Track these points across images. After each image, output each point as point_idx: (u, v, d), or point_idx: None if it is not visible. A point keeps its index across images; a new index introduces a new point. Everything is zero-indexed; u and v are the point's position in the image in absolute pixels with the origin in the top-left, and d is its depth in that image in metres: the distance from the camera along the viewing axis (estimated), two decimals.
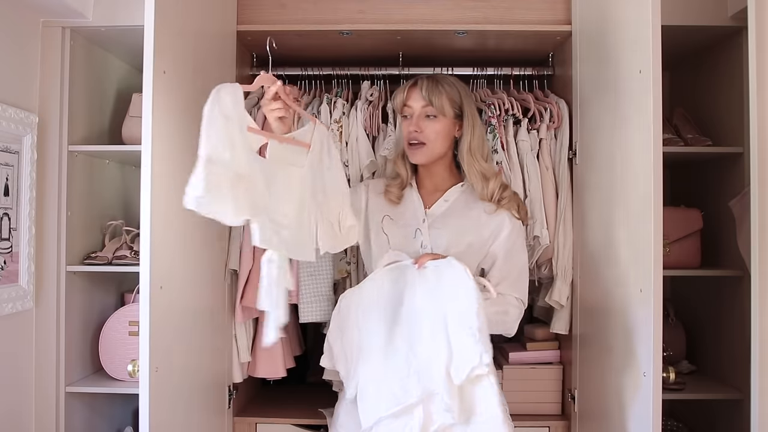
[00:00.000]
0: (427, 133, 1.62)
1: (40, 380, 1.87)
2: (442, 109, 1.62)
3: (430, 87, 1.62)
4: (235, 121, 1.30)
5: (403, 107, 1.67)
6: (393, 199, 1.69)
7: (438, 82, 1.64)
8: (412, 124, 1.63)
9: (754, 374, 1.40)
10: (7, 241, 1.76)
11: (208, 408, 1.79)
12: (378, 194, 1.73)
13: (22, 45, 1.82)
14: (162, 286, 1.45)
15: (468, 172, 1.65)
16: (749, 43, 1.43)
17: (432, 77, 1.67)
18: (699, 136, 2.05)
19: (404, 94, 1.66)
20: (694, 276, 2.03)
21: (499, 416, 1.41)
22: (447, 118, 1.63)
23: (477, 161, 1.64)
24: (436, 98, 1.61)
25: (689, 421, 2.16)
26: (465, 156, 1.65)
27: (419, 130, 1.62)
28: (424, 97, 1.62)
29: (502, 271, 1.63)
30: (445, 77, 1.68)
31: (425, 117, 1.63)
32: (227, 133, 1.27)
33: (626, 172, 1.56)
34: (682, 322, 2.20)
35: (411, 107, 1.65)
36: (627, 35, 1.56)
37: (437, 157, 1.67)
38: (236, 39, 1.96)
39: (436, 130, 1.63)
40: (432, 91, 1.62)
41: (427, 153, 1.64)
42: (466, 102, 1.66)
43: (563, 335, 1.99)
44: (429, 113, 1.63)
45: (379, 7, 1.97)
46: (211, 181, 1.21)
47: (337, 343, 1.57)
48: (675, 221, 1.97)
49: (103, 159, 2.14)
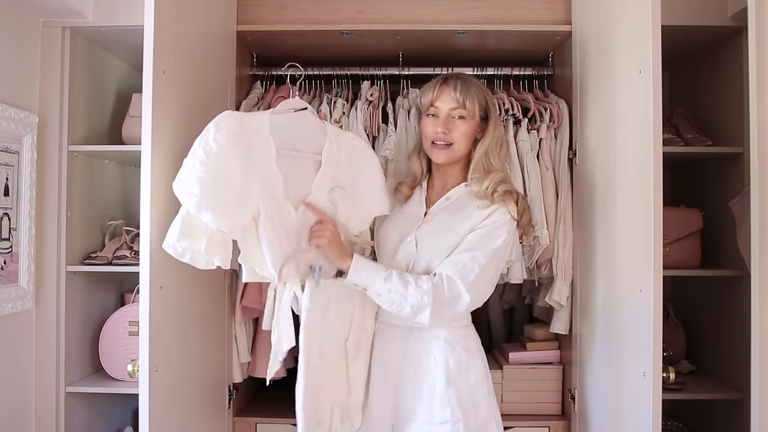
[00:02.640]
0: (454, 135, 1.59)
1: (40, 380, 1.87)
2: (472, 112, 1.59)
3: (462, 89, 1.59)
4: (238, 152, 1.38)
5: (430, 106, 1.63)
6: (401, 198, 1.69)
7: (468, 83, 1.61)
8: (439, 125, 1.60)
9: (754, 374, 1.40)
10: (7, 241, 1.76)
11: (208, 408, 1.79)
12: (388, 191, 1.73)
13: (22, 45, 1.82)
14: (162, 286, 1.45)
15: (473, 167, 1.61)
16: (749, 43, 1.44)
17: (460, 77, 1.63)
18: (699, 136, 2.05)
19: (434, 94, 1.61)
20: (694, 276, 2.03)
21: None
22: (474, 121, 1.61)
23: (488, 161, 1.61)
24: (469, 101, 1.58)
25: (689, 421, 2.16)
26: (479, 155, 1.61)
27: (447, 131, 1.59)
28: (457, 99, 1.58)
29: (461, 246, 1.53)
30: (470, 77, 1.65)
31: (455, 118, 1.60)
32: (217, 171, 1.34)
33: (626, 172, 1.56)
34: (682, 322, 2.20)
35: (439, 108, 1.61)
36: (627, 35, 1.56)
37: (459, 158, 1.64)
38: (236, 39, 1.96)
39: (464, 131, 1.60)
40: (465, 93, 1.58)
41: (452, 154, 1.62)
42: (490, 104, 1.64)
43: (563, 335, 1.99)
44: (460, 115, 1.59)
45: (379, 7, 1.97)
46: (184, 232, 1.34)
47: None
48: (675, 221, 1.97)
49: (103, 159, 2.14)
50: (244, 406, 2.10)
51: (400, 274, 1.50)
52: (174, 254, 1.36)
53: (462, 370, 1.57)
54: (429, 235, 1.59)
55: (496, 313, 2.39)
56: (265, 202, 1.42)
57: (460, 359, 1.58)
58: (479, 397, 1.58)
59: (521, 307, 2.41)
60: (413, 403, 1.58)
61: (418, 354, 1.59)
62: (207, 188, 1.32)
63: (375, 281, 1.48)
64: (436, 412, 1.55)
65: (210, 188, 1.32)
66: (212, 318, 1.81)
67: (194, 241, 1.35)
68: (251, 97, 2.05)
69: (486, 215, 1.56)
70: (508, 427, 1.90)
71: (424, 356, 1.58)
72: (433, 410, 1.55)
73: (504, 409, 1.94)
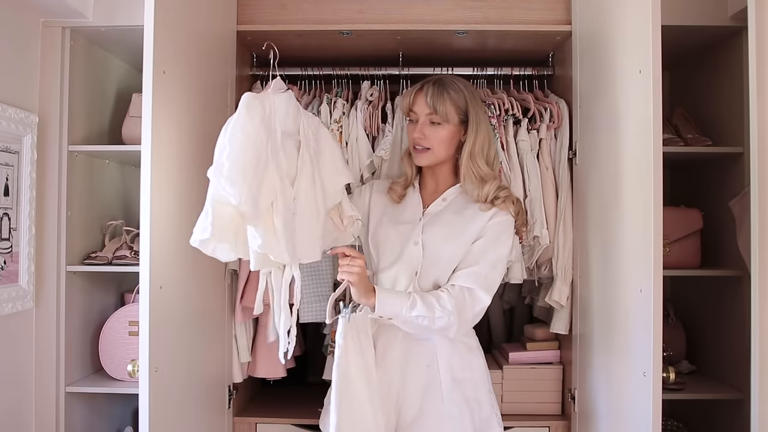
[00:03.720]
0: (431, 140, 1.63)
1: (40, 380, 1.87)
2: (446, 117, 1.62)
3: (435, 94, 1.61)
4: (263, 137, 1.38)
5: (409, 112, 1.68)
6: (395, 197, 1.70)
7: (444, 88, 1.62)
8: (416, 131, 1.64)
9: (754, 374, 1.40)
10: (7, 241, 1.76)
11: (208, 408, 1.79)
12: (380, 193, 1.74)
13: (22, 45, 1.82)
14: (162, 286, 1.45)
15: (464, 174, 1.65)
16: (749, 43, 1.43)
17: (438, 82, 1.65)
18: (699, 136, 2.05)
19: (410, 100, 1.66)
20: (694, 276, 2.03)
21: None
22: (451, 125, 1.63)
23: (476, 165, 1.63)
24: (440, 106, 1.61)
25: (689, 421, 2.16)
26: (464, 160, 1.65)
27: (423, 137, 1.63)
28: (429, 105, 1.62)
29: (475, 255, 1.57)
30: (452, 81, 1.66)
31: (430, 124, 1.63)
32: (252, 153, 1.35)
33: (626, 172, 1.56)
34: (682, 322, 2.20)
35: (416, 113, 1.65)
36: (627, 35, 1.55)
37: (441, 160, 1.67)
38: (236, 39, 1.96)
39: (440, 136, 1.63)
40: (437, 98, 1.61)
41: (431, 157, 1.65)
42: (471, 107, 1.64)
43: (563, 335, 1.99)
44: (433, 120, 1.63)
45: (379, 7, 1.97)
46: (216, 225, 1.34)
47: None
48: (675, 221, 1.97)
49: (103, 159, 2.14)
50: (244, 406, 2.10)
51: (423, 299, 1.51)
52: (201, 247, 1.37)
53: (465, 367, 1.60)
54: (435, 239, 1.60)
55: (496, 313, 2.39)
56: (279, 186, 1.43)
57: (463, 357, 1.61)
58: (482, 393, 1.62)
59: (521, 307, 2.42)
60: (418, 401, 1.58)
61: (422, 353, 1.59)
62: (248, 174, 1.34)
63: (401, 311, 1.50)
64: (441, 410, 1.56)
65: (250, 174, 1.34)
66: (212, 318, 1.81)
67: (224, 233, 1.37)
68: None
69: (490, 216, 1.61)
70: (508, 427, 1.90)
71: (427, 355, 1.59)
72: (438, 407, 1.56)
73: (504, 409, 1.94)
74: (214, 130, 1.41)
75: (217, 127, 1.42)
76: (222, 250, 1.40)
